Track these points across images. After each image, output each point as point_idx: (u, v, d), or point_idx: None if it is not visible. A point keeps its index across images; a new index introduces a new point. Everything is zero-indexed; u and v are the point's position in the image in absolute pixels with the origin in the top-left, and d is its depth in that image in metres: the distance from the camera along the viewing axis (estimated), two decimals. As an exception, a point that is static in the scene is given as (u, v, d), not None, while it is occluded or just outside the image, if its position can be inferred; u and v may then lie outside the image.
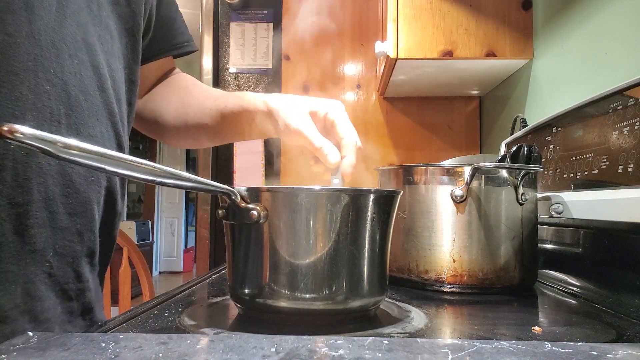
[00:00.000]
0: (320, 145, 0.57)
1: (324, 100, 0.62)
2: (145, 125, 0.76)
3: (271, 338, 0.32)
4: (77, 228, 0.50)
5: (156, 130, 0.76)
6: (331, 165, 0.57)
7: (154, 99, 0.74)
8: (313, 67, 1.92)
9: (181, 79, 0.77)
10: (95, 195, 0.52)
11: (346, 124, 0.60)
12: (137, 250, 1.42)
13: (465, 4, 1.32)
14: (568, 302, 0.65)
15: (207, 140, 0.76)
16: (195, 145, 0.79)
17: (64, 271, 0.49)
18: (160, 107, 0.74)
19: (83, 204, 0.50)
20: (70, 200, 0.49)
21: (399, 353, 0.30)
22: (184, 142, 0.79)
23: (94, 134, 0.51)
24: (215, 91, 0.74)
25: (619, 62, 0.87)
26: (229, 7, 1.99)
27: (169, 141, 0.78)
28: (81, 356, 0.29)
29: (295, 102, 0.62)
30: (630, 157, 0.65)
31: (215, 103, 0.70)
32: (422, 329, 0.47)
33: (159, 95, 0.74)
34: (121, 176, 0.37)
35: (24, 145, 0.31)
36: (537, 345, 0.31)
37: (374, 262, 0.48)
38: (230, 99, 0.69)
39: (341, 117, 0.61)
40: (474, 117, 1.86)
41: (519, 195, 0.68)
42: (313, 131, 0.58)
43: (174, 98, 0.74)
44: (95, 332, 0.43)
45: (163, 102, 0.74)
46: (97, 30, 0.52)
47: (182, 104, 0.73)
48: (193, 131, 0.73)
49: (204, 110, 0.71)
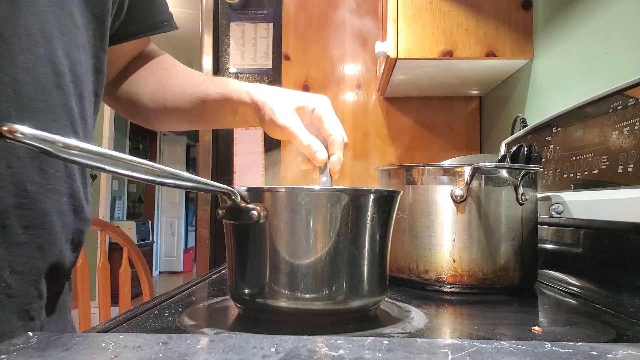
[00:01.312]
0: (308, 143, 0.56)
1: (310, 96, 0.61)
2: (121, 106, 0.72)
3: (271, 338, 0.32)
4: (36, 242, 0.45)
5: (132, 112, 0.72)
6: (319, 163, 0.56)
7: (130, 80, 0.70)
8: (313, 67, 1.92)
9: (160, 60, 0.73)
10: (55, 204, 0.47)
11: (333, 120, 0.59)
12: (137, 250, 1.42)
13: (465, 4, 1.32)
14: (568, 302, 0.65)
15: (188, 125, 0.73)
16: (174, 128, 0.75)
17: (25, 291, 0.44)
18: (136, 88, 0.70)
19: (40, 215, 0.45)
20: (25, 212, 0.44)
21: (399, 353, 0.30)
22: (162, 126, 0.76)
23: None
24: (196, 75, 0.71)
25: (619, 62, 0.87)
26: (229, 7, 1.99)
27: (146, 123, 0.74)
28: (81, 356, 0.29)
29: (282, 96, 0.60)
30: (630, 157, 0.65)
31: (196, 89, 0.67)
32: (422, 329, 0.47)
33: (136, 76, 0.70)
34: (121, 176, 0.37)
35: (23, 145, 0.31)
36: (537, 345, 0.31)
37: (374, 262, 0.48)
38: (211, 86, 0.66)
39: (328, 113, 0.59)
40: (474, 117, 1.86)
41: (519, 195, 0.68)
42: (300, 128, 0.57)
43: (151, 80, 0.70)
44: (95, 332, 0.43)
45: (140, 83, 0.70)
46: (58, 20, 0.47)
47: (161, 87, 0.69)
48: (172, 116, 0.70)
49: (184, 96, 0.67)
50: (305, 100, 0.60)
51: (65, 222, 0.49)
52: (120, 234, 1.43)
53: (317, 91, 1.90)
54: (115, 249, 3.62)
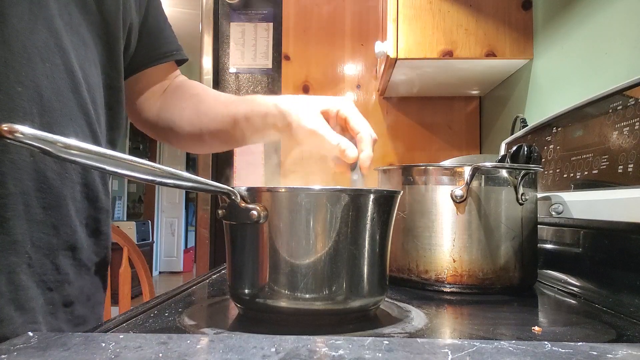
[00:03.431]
0: (337, 142, 0.59)
1: (333, 99, 0.64)
2: (162, 134, 0.79)
3: (271, 338, 0.32)
4: (52, 222, 0.51)
5: (172, 138, 0.78)
6: (350, 160, 0.59)
7: (167, 109, 0.76)
8: (313, 67, 1.92)
9: (191, 86, 0.79)
10: (70, 191, 0.53)
11: (359, 118, 0.62)
12: (137, 250, 1.42)
13: (465, 4, 1.32)
14: (568, 302, 0.65)
15: (224, 145, 0.78)
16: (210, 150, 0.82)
17: (42, 262, 0.51)
18: (173, 115, 0.76)
19: (56, 198, 0.52)
20: (44, 195, 0.50)
21: (399, 353, 0.30)
22: (199, 148, 0.82)
23: (68, 132, 0.52)
24: (226, 97, 0.76)
25: (619, 62, 0.87)
26: (229, 7, 1.99)
27: (184, 147, 0.81)
28: (81, 356, 0.29)
29: (306, 102, 0.64)
30: (630, 157, 0.65)
31: (227, 109, 0.72)
32: (422, 329, 0.47)
33: (172, 105, 0.76)
34: (121, 176, 0.37)
35: (24, 145, 0.31)
36: (537, 345, 0.31)
37: (374, 262, 0.48)
38: (241, 105, 0.71)
39: (353, 112, 0.62)
40: (474, 117, 1.86)
41: (519, 195, 0.68)
42: (328, 130, 0.60)
43: (187, 106, 0.76)
44: (95, 332, 0.43)
45: (176, 110, 0.76)
46: (70, 37, 0.54)
47: (196, 111, 0.75)
48: (208, 137, 0.75)
49: (217, 117, 0.73)
50: (329, 103, 0.63)
51: (79, 208, 0.55)
52: (120, 234, 1.43)
53: (316, 91, 1.90)
54: (115, 249, 3.60)
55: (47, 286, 0.51)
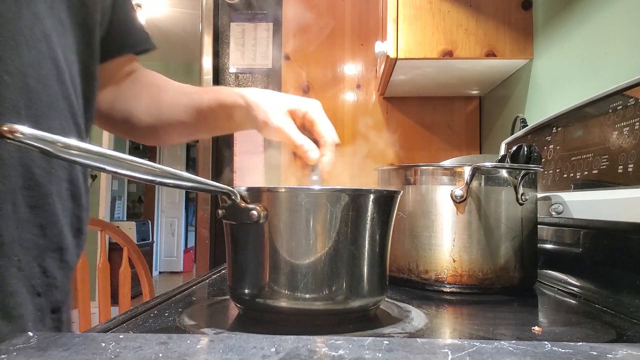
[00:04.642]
0: (301, 143, 0.60)
1: (302, 99, 0.64)
2: (116, 126, 0.74)
3: (271, 338, 0.32)
4: (39, 221, 0.49)
5: (128, 130, 0.74)
6: (312, 162, 0.60)
7: (123, 98, 0.72)
8: (313, 67, 1.92)
9: (149, 75, 0.75)
10: (56, 187, 0.51)
11: (325, 122, 0.63)
12: (137, 250, 1.42)
13: (465, 4, 1.32)
14: (568, 302, 0.65)
15: (183, 136, 0.75)
16: (169, 142, 0.78)
17: (30, 266, 0.48)
18: (130, 106, 0.72)
19: (43, 196, 0.49)
20: (30, 193, 0.48)
21: (399, 353, 0.30)
22: (157, 140, 0.78)
23: (54, 126, 0.50)
24: (187, 87, 0.73)
25: (619, 62, 0.87)
26: (229, 7, 1.98)
27: (142, 139, 0.77)
28: (81, 356, 0.29)
29: (275, 99, 0.64)
30: (630, 157, 0.65)
31: (190, 99, 0.69)
32: (422, 329, 0.47)
33: (129, 95, 0.72)
34: (121, 176, 0.37)
35: (24, 145, 0.31)
36: (537, 345, 0.31)
37: (374, 262, 0.48)
38: (205, 95, 0.69)
39: (320, 116, 0.63)
40: (474, 117, 1.85)
41: (519, 195, 0.68)
42: (293, 129, 0.61)
43: (145, 96, 0.72)
44: (95, 332, 0.43)
45: (133, 100, 0.72)
46: (52, 22, 0.51)
47: (155, 101, 0.72)
48: (168, 128, 0.72)
49: (178, 108, 0.70)
50: (298, 104, 0.64)
51: (65, 206, 0.52)
52: (120, 234, 1.43)
53: (317, 91, 1.90)
54: (115, 249, 3.61)
55: (36, 291, 0.49)
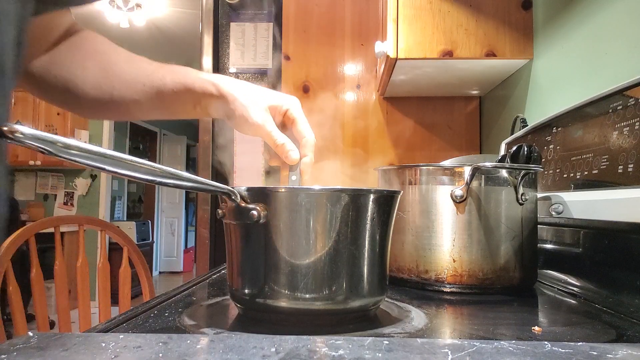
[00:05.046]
0: (282, 142, 0.58)
1: (282, 95, 0.62)
2: (54, 95, 0.65)
3: (271, 338, 0.32)
4: None
5: (69, 101, 0.66)
6: (291, 162, 0.58)
7: (62, 64, 0.63)
8: (313, 67, 1.92)
9: (92, 40, 0.66)
10: None
11: (306, 122, 0.61)
12: (137, 250, 1.42)
13: (465, 4, 1.32)
14: (568, 302, 0.65)
15: (137, 115, 0.68)
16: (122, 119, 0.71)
17: None
18: (72, 73, 0.63)
19: None
20: None
21: (399, 353, 0.30)
22: (105, 116, 0.71)
23: None
24: (145, 62, 0.65)
25: (619, 62, 0.87)
26: (229, 7, 1.99)
27: (86, 114, 0.69)
28: (81, 356, 0.29)
29: (254, 93, 0.60)
30: (630, 157, 0.65)
31: (150, 78, 0.63)
32: (422, 329, 0.47)
33: (69, 60, 0.63)
34: (121, 176, 0.37)
35: (24, 145, 0.31)
36: (537, 345, 0.31)
37: (374, 262, 0.48)
38: (168, 75, 0.62)
39: (301, 115, 0.61)
40: (474, 117, 1.85)
41: (519, 195, 0.68)
42: (274, 127, 0.59)
43: (91, 65, 0.64)
44: (95, 332, 0.43)
45: (76, 68, 0.63)
46: None
47: (105, 73, 0.64)
48: (121, 106, 0.65)
49: (135, 86, 0.63)
50: (279, 100, 0.61)
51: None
52: (120, 234, 1.43)
53: (317, 91, 1.90)
54: (115, 249, 3.61)
55: None
